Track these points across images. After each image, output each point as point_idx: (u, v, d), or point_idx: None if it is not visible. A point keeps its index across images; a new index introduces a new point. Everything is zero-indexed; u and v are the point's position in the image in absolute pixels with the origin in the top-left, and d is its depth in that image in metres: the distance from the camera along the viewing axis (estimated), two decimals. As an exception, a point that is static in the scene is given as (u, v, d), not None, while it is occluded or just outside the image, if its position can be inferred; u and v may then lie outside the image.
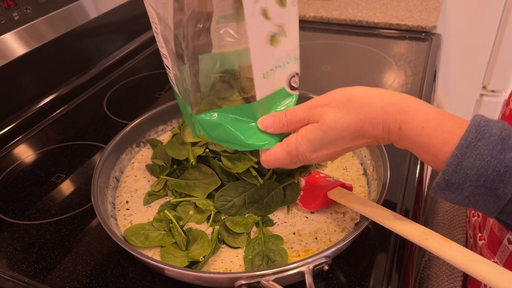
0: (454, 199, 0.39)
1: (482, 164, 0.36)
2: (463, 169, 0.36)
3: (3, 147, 0.78)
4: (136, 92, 0.96)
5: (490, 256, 0.60)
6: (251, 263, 0.51)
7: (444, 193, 0.39)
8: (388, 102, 0.41)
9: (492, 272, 0.38)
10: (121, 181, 0.66)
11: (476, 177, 0.36)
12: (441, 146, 0.38)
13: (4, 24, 0.75)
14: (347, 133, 0.43)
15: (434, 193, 0.40)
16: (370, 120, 0.42)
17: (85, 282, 0.52)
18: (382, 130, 0.42)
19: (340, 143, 0.44)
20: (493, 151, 0.36)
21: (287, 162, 0.47)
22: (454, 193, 0.38)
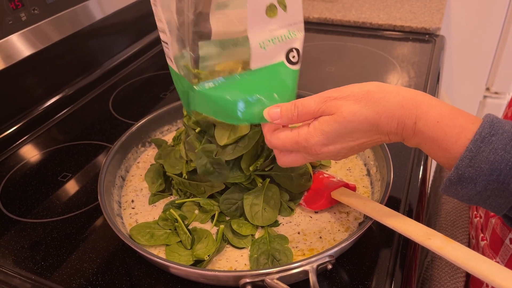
0: (465, 195, 0.39)
1: (496, 158, 0.36)
2: (477, 163, 0.37)
3: (10, 147, 0.79)
4: (141, 92, 0.96)
5: (492, 256, 0.61)
6: (257, 261, 0.52)
7: (456, 188, 0.39)
8: (403, 97, 0.42)
9: (495, 272, 0.38)
10: (127, 180, 0.67)
11: (490, 171, 0.36)
12: (455, 140, 0.39)
13: (12, 24, 0.76)
14: (364, 126, 0.43)
15: (445, 189, 0.40)
16: (386, 114, 0.42)
17: (91, 279, 0.53)
18: (397, 124, 0.42)
19: (355, 137, 0.43)
20: (506, 146, 0.36)
21: (292, 148, 0.46)
22: (467, 188, 0.38)
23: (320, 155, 0.45)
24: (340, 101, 0.43)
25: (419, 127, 0.41)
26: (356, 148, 0.45)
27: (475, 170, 0.37)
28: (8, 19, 0.75)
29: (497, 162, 0.36)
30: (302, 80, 0.95)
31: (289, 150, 0.47)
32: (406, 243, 0.56)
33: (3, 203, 0.66)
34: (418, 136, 0.41)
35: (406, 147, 0.71)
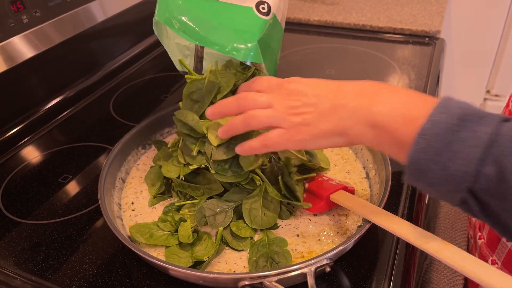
0: (435, 148, 0.38)
1: (464, 107, 0.38)
2: (449, 109, 0.38)
3: (11, 148, 0.79)
4: (142, 94, 0.97)
5: (489, 254, 0.61)
6: (256, 264, 0.52)
7: (426, 139, 0.38)
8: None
9: (492, 276, 0.38)
10: (127, 182, 0.67)
11: (460, 116, 0.37)
12: (422, 105, 0.40)
13: (13, 27, 0.76)
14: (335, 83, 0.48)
15: (415, 145, 0.38)
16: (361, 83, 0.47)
17: (91, 281, 0.53)
18: (370, 87, 0.45)
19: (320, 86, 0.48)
20: (470, 104, 0.39)
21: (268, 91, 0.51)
22: (438, 135, 0.37)
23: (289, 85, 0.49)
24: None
25: (395, 87, 0.45)
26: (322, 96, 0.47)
27: (448, 115, 0.38)
28: (10, 21, 0.75)
29: (466, 109, 0.38)
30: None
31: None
32: (405, 246, 0.56)
33: (4, 204, 0.66)
34: (390, 95, 0.43)
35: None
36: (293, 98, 0.48)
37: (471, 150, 0.36)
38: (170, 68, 1.07)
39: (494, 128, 0.36)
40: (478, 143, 0.36)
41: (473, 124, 0.37)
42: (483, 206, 0.38)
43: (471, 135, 0.36)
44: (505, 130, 0.36)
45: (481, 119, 0.37)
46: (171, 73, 1.05)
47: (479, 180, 0.36)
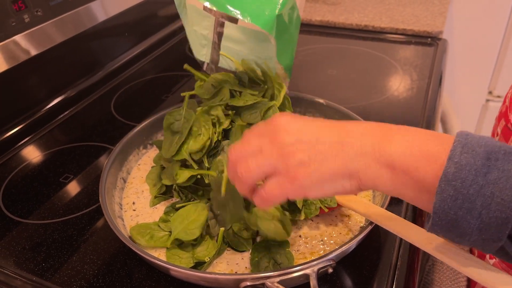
0: (465, 195, 0.33)
1: (487, 142, 0.34)
2: (471, 147, 0.33)
3: (12, 148, 0.79)
4: (143, 94, 0.97)
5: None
6: (258, 265, 0.52)
7: (454, 185, 0.33)
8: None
9: (495, 277, 0.38)
10: (128, 182, 0.67)
11: (486, 154, 0.33)
12: (439, 143, 0.35)
13: (15, 26, 0.76)
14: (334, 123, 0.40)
15: (441, 192, 0.33)
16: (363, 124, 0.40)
17: (92, 281, 0.53)
18: (378, 128, 0.39)
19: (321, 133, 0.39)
20: (491, 138, 0.34)
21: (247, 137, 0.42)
22: (467, 180, 0.33)
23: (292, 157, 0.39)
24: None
25: (404, 127, 0.38)
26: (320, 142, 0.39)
27: (471, 155, 0.33)
28: (11, 20, 0.75)
29: (490, 145, 0.33)
30: (304, 82, 0.95)
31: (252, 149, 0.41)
32: (408, 247, 0.56)
33: (5, 204, 0.66)
34: (404, 132, 0.38)
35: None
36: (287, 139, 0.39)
37: (507, 193, 0.32)
38: (171, 68, 1.07)
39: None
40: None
41: (502, 162, 0.32)
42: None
43: (503, 175, 0.32)
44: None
45: (510, 155, 0.32)
46: (172, 73, 1.05)
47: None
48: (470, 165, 0.33)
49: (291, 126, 0.40)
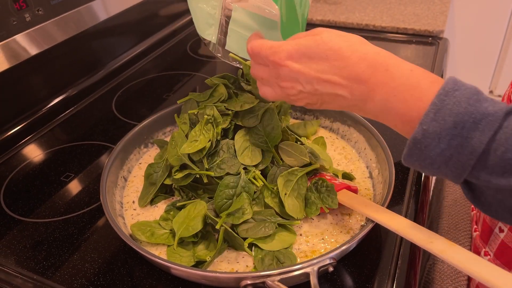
0: (428, 157, 0.38)
1: (460, 110, 0.36)
2: (442, 116, 0.37)
3: (13, 146, 0.79)
4: (144, 93, 0.97)
5: (482, 246, 0.61)
6: (262, 262, 0.52)
7: (419, 148, 0.38)
8: (379, 49, 0.44)
9: (496, 276, 0.38)
10: (129, 181, 0.67)
11: (453, 124, 0.36)
12: (427, 88, 0.39)
13: (16, 25, 0.76)
14: (334, 55, 0.43)
15: (408, 153, 0.39)
16: (359, 54, 0.42)
17: (92, 279, 0.53)
18: (366, 68, 0.42)
19: (320, 65, 0.43)
20: (470, 99, 0.36)
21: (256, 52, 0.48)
22: (430, 145, 0.37)
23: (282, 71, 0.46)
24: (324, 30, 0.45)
25: (391, 73, 0.41)
26: (315, 84, 0.44)
27: (439, 124, 0.37)
28: (12, 19, 0.75)
29: (461, 114, 0.36)
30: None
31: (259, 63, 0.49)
32: (408, 246, 0.56)
33: (6, 202, 0.66)
34: (386, 87, 0.41)
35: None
36: (288, 86, 0.47)
37: (465, 157, 0.36)
38: (172, 67, 1.07)
39: (491, 134, 0.35)
40: (471, 152, 0.36)
41: (467, 131, 0.36)
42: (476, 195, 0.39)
43: (464, 143, 0.36)
44: (501, 137, 0.35)
45: (478, 123, 0.35)
46: (173, 72, 1.05)
47: (473, 179, 0.37)
48: (436, 133, 0.37)
49: (294, 71, 0.45)
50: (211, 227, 0.56)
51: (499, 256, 0.58)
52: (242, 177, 0.58)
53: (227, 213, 0.55)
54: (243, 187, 0.57)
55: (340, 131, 0.74)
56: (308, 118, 0.78)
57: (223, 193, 0.57)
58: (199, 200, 0.57)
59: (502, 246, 0.57)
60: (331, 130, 0.75)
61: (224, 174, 0.58)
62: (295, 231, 0.56)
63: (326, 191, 0.56)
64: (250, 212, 0.55)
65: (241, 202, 0.56)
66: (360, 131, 0.69)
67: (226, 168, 0.59)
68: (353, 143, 0.71)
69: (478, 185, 0.38)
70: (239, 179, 0.58)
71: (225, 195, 0.57)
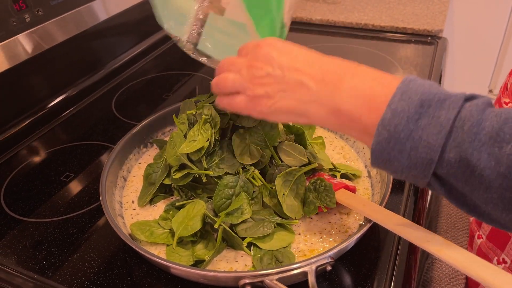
0: (397, 141, 0.37)
1: (424, 90, 0.37)
2: (408, 95, 0.37)
3: (14, 147, 0.79)
4: (144, 93, 0.97)
5: (476, 229, 0.62)
6: (261, 261, 0.52)
7: (388, 130, 0.37)
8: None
9: (493, 275, 0.38)
10: (128, 180, 0.67)
11: (420, 102, 0.37)
12: (391, 81, 0.40)
13: (16, 25, 0.76)
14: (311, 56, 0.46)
15: (377, 137, 0.38)
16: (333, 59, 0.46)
17: (92, 279, 0.53)
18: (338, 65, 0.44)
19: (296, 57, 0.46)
20: (432, 85, 0.38)
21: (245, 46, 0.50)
22: (399, 125, 0.37)
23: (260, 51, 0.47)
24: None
25: (360, 68, 0.44)
26: (285, 70, 0.45)
27: (407, 102, 0.37)
28: (12, 20, 0.76)
29: (426, 93, 0.37)
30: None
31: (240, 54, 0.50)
32: (406, 245, 0.56)
33: (6, 202, 0.67)
34: (356, 76, 0.43)
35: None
36: (258, 66, 0.47)
37: (433, 138, 0.36)
38: (172, 67, 1.07)
39: (456, 111, 0.36)
40: (440, 130, 0.36)
41: (433, 109, 0.36)
42: (448, 188, 0.38)
43: (432, 121, 0.36)
44: (466, 113, 0.35)
45: (443, 102, 0.36)
46: (173, 72, 1.05)
47: (443, 166, 0.36)
48: (404, 112, 0.37)
49: (271, 55, 0.46)
50: (210, 227, 0.56)
51: (491, 239, 0.59)
52: (241, 176, 0.58)
53: (226, 213, 0.55)
54: (242, 187, 0.58)
55: (339, 130, 0.74)
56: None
57: (222, 192, 0.57)
58: (198, 200, 0.58)
59: (494, 229, 0.58)
60: (329, 129, 0.76)
61: (223, 173, 0.58)
62: (294, 231, 0.57)
63: (325, 191, 0.56)
64: (249, 211, 0.56)
65: (240, 201, 0.56)
66: (359, 130, 0.69)
67: (225, 168, 0.59)
68: (352, 143, 0.71)
69: (447, 179, 0.37)
70: (238, 178, 0.58)
71: (224, 194, 0.57)
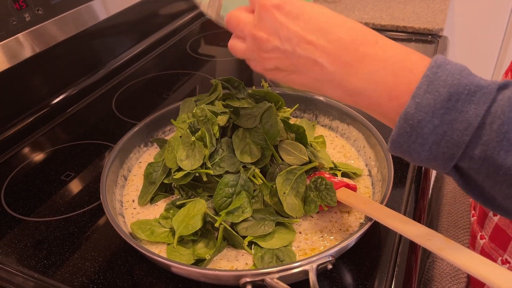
0: (419, 135, 0.35)
1: (454, 81, 0.34)
2: (436, 87, 0.34)
3: (14, 146, 0.79)
4: (144, 92, 0.97)
5: (478, 230, 0.62)
6: (261, 259, 0.52)
7: (411, 125, 0.35)
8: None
9: (494, 273, 0.38)
10: (129, 179, 0.67)
11: (448, 96, 0.34)
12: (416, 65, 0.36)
13: (16, 25, 0.76)
14: (324, 18, 0.40)
15: (398, 129, 0.36)
16: (350, 24, 0.39)
17: (93, 278, 0.53)
18: (356, 35, 0.39)
19: (307, 23, 0.40)
20: (462, 72, 0.34)
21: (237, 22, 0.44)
22: (423, 121, 0.34)
23: (265, 16, 0.41)
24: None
25: (380, 45, 0.38)
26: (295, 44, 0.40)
27: (433, 96, 0.34)
28: (12, 19, 0.75)
29: (455, 85, 0.34)
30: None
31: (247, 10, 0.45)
32: (407, 243, 0.56)
33: (7, 201, 0.67)
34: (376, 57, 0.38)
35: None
36: (264, 38, 0.42)
37: (459, 134, 0.34)
38: (172, 66, 1.07)
39: (486, 106, 0.33)
40: (466, 127, 0.33)
41: (462, 104, 0.33)
42: (467, 180, 0.37)
43: (458, 117, 0.33)
44: (497, 109, 0.33)
45: (473, 95, 0.33)
46: (173, 71, 1.05)
47: (465, 161, 0.35)
48: (429, 106, 0.34)
49: (279, 20, 0.41)
50: (211, 226, 0.56)
51: (494, 239, 0.59)
52: (241, 175, 0.58)
53: (227, 212, 0.55)
54: (243, 186, 0.58)
55: (339, 129, 0.74)
56: (307, 117, 0.78)
57: (222, 191, 0.57)
58: (199, 199, 0.58)
59: (496, 229, 0.58)
60: (330, 128, 0.75)
61: (223, 172, 0.58)
62: (295, 229, 0.57)
63: (325, 189, 0.56)
64: (249, 210, 0.56)
65: (241, 200, 0.56)
66: (359, 129, 0.69)
67: (226, 167, 0.59)
68: (352, 141, 0.71)
69: (467, 172, 0.36)
70: (239, 177, 0.58)
71: (225, 193, 0.57)
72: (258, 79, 0.96)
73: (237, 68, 1.04)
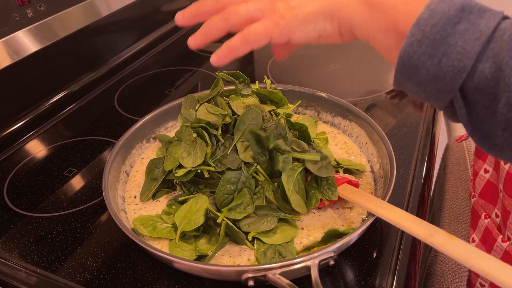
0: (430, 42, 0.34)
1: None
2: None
3: (17, 142, 0.79)
4: (146, 88, 0.97)
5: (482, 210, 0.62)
6: (264, 255, 0.52)
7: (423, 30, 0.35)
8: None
9: (496, 268, 0.38)
10: (131, 175, 0.67)
11: (461, 6, 0.34)
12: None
13: (18, 21, 0.76)
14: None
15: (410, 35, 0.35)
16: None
17: (95, 273, 0.53)
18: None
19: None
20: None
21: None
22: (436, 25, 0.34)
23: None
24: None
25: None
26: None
27: (447, 4, 0.34)
28: (15, 15, 0.76)
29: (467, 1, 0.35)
30: (307, 77, 0.95)
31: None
32: (409, 239, 0.56)
33: (10, 197, 0.67)
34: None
35: (410, 144, 0.71)
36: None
37: (470, 44, 0.33)
38: (174, 62, 1.07)
39: (497, 22, 0.34)
40: (478, 37, 0.33)
41: (474, 16, 0.34)
42: (469, 110, 0.36)
43: (471, 27, 0.34)
44: (506, 25, 0.34)
45: (484, 12, 0.34)
46: (175, 67, 1.05)
47: (474, 77, 0.34)
48: (443, 13, 0.34)
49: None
50: (213, 221, 0.56)
51: (483, 196, 0.59)
52: (243, 172, 0.58)
53: (228, 208, 0.55)
54: (244, 183, 0.58)
55: (341, 126, 0.74)
56: (310, 113, 0.78)
57: (224, 188, 0.57)
58: (201, 195, 0.58)
59: (486, 186, 0.58)
60: (332, 125, 0.75)
61: (225, 169, 0.58)
62: (297, 225, 0.57)
63: (327, 184, 0.56)
64: (251, 207, 0.56)
65: (242, 197, 0.56)
66: (362, 125, 0.69)
67: (227, 163, 0.59)
68: (355, 138, 0.71)
69: (472, 98, 0.35)
70: (241, 174, 0.58)
71: (227, 190, 0.57)
72: (261, 75, 0.96)
73: (239, 64, 1.04)
